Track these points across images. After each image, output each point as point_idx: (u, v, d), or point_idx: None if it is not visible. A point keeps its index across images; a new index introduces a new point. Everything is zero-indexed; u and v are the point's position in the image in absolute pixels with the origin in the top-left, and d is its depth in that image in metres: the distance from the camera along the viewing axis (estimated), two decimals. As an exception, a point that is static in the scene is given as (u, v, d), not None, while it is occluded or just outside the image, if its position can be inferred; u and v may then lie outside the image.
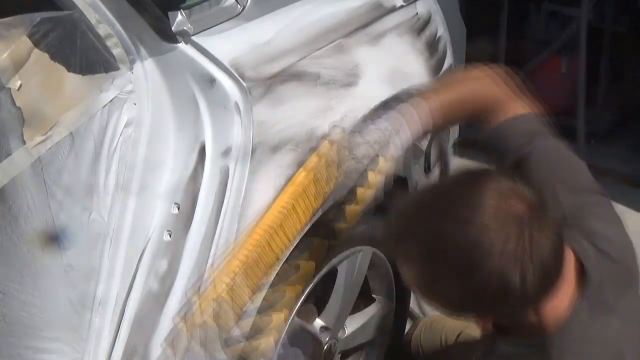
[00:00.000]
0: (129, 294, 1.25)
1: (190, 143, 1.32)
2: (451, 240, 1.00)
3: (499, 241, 0.98)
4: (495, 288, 0.99)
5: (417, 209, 1.08)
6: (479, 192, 1.01)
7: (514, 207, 1.00)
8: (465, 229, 0.99)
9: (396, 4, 1.79)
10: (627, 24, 3.24)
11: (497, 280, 0.98)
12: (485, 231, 0.98)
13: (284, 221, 1.35)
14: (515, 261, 0.98)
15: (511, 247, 0.97)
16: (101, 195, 1.20)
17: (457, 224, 1.00)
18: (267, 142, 1.38)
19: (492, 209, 0.99)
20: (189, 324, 1.26)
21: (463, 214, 1.00)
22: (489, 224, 0.98)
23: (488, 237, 0.98)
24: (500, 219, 0.99)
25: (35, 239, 1.11)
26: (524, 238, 0.98)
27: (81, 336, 1.19)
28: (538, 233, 0.99)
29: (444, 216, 1.02)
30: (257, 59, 1.41)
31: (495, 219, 0.99)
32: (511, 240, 0.98)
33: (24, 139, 1.08)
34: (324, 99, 1.52)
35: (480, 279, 0.98)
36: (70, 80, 1.16)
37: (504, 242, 0.98)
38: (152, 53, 1.29)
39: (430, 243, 1.03)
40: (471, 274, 0.99)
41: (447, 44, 1.98)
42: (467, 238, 0.99)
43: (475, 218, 0.99)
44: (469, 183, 1.05)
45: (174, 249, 1.29)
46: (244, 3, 1.47)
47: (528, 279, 0.98)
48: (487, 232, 0.98)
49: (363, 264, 1.73)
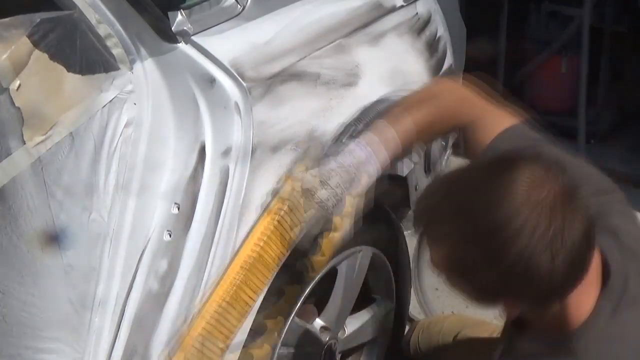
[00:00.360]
0: (129, 294, 1.25)
1: (190, 143, 1.32)
2: (482, 220, 1.00)
3: (530, 224, 0.97)
4: (524, 271, 0.98)
5: (449, 190, 1.08)
6: (512, 175, 1.01)
7: (547, 193, 0.99)
8: (497, 210, 0.99)
9: (396, 4, 1.79)
10: (627, 24, 3.24)
11: (526, 263, 0.98)
12: (516, 213, 0.98)
13: (248, 272, 1.33)
14: (545, 245, 0.97)
15: (542, 230, 0.97)
16: (101, 195, 1.20)
17: (489, 205, 1.00)
18: (267, 142, 1.38)
19: (525, 192, 0.99)
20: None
21: (495, 195, 1.00)
22: (521, 206, 0.98)
23: (519, 219, 0.98)
24: (532, 203, 0.98)
25: (35, 239, 1.10)
26: (556, 223, 0.98)
27: (81, 336, 1.19)
28: (570, 220, 0.99)
29: (476, 197, 1.02)
30: (257, 59, 1.41)
31: (528, 202, 0.98)
32: (542, 224, 0.97)
33: (23, 139, 1.08)
34: (324, 99, 1.52)
35: (509, 260, 0.98)
36: (70, 80, 1.16)
37: (534, 226, 0.97)
38: (152, 53, 1.29)
39: (461, 223, 1.03)
40: (500, 255, 0.99)
41: (447, 44, 1.98)
42: (498, 219, 0.99)
43: (507, 200, 0.99)
44: (502, 166, 1.05)
45: (174, 249, 1.29)
46: (244, 3, 1.47)
47: (557, 264, 0.98)
48: (518, 214, 0.98)
49: (363, 264, 1.73)
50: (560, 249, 0.98)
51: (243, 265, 1.32)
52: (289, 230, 1.37)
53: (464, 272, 1.06)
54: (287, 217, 1.36)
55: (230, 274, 1.32)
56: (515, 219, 0.98)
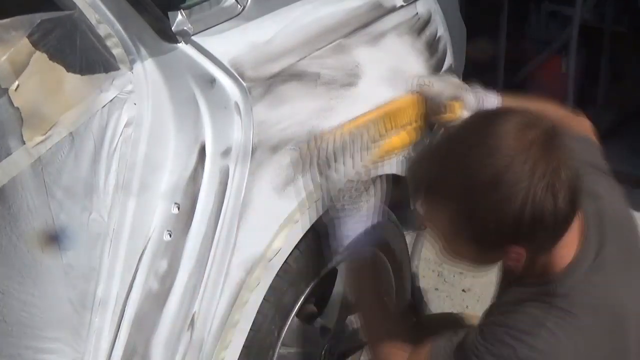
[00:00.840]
0: (129, 294, 1.25)
1: (190, 143, 1.32)
2: (482, 174, 1.02)
3: (528, 166, 1.00)
4: (532, 212, 1.01)
5: (445, 151, 1.11)
6: (500, 124, 1.04)
7: (538, 134, 1.02)
8: (494, 160, 1.02)
9: (396, 4, 1.79)
10: (627, 24, 3.23)
11: (532, 204, 1.00)
12: (513, 159, 1.01)
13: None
14: (546, 184, 1.00)
15: (541, 170, 1.00)
16: (101, 195, 1.20)
17: (486, 156, 1.02)
18: (267, 142, 1.38)
19: (517, 137, 1.02)
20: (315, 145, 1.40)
21: (490, 145, 1.03)
22: (516, 150, 1.01)
23: (517, 163, 1.00)
24: (525, 145, 1.01)
25: (35, 239, 1.11)
26: (552, 161, 1.01)
27: (81, 336, 1.19)
28: (563, 157, 1.02)
29: (471, 150, 1.05)
30: (257, 59, 1.41)
31: (521, 145, 1.01)
32: (540, 164, 1.00)
33: (23, 139, 1.08)
34: (324, 99, 1.52)
35: (516, 206, 1.00)
36: (70, 80, 1.16)
37: (532, 167, 1.00)
38: (152, 53, 1.29)
39: (463, 178, 1.04)
40: (507, 202, 1.01)
41: (447, 44, 1.98)
42: (497, 168, 1.01)
43: (501, 147, 1.01)
44: (490, 118, 1.09)
45: (174, 249, 1.29)
46: (244, 3, 1.47)
47: (559, 200, 1.01)
48: (514, 159, 1.01)
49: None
50: (560, 185, 1.01)
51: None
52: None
53: (473, 230, 1.07)
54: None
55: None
56: (513, 165, 1.00)
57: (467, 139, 1.07)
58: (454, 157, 1.07)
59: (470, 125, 1.12)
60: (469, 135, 1.08)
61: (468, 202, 1.04)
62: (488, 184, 1.02)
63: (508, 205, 1.01)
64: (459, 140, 1.09)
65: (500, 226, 1.03)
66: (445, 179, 1.07)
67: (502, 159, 1.01)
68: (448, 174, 1.07)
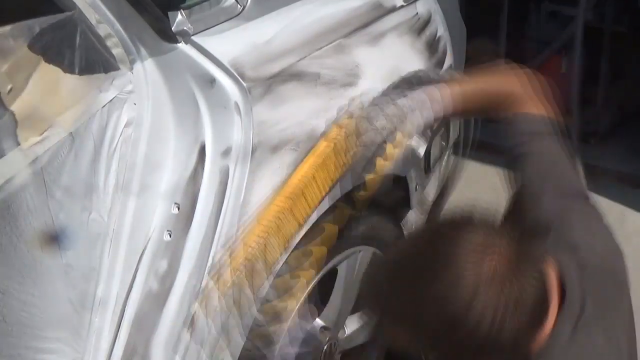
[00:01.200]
0: (129, 294, 1.25)
1: (190, 143, 1.32)
2: (440, 316, 0.98)
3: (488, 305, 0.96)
4: (493, 344, 0.97)
5: (396, 270, 1.07)
6: (452, 249, 0.99)
7: (489, 264, 0.97)
8: (452, 302, 0.97)
9: (396, 4, 1.79)
10: (627, 24, 3.24)
11: (494, 339, 0.97)
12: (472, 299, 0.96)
13: (304, 190, 1.39)
14: (509, 316, 0.96)
15: (503, 304, 0.96)
16: (101, 195, 1.20)
17: (443, 298, 0.97)
18: (267, 142, 1.38)
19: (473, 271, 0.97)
20: (220, 284, 1.28)
21: (445, 284, 0.98)
22: (474, 290, 0.96)
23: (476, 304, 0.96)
24: (483, 281, 0.96)
25: (35, 239, 1.10)
26: (512, 291, 0.97)
27: (81, 336, 1.19)
28: (518, 285, 0.97)
29: (420, 276, 1.00)
30: (257, 59, 1.41)
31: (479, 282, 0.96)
32: (501, 299, 0.96)
33: (18, 140, 1.07)
34: (324, 99, 1.52)
35: (477, 342, 0.97)
36: (69, 80, 1.16)
37: (494, 305, 0.96)
38: (152, 53, 1.29)
39: (418, 321, 1.01)
40: (467, 340, 0.97)
41: (447, 44, 1.98)
42: (455, 310, 0.96)
43: (459, 287, 0.96)
44: (442, 240, 1.03)
45: (174, 249, 1.29)
46: (244, 3, 1.47)
47: (522, 326, 0.98)
48: (473, 299, 0.96)
49: (363, 264, 1.73)
50: (522, 312, 0.97)
51: (301, 180, 1.39)
52: (344, 156, 1.46)
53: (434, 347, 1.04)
54: (343, 141, 1.45)
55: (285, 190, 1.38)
56: (472, 307, 0.96)
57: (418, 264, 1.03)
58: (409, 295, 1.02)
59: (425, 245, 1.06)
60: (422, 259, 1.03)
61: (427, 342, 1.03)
62: (448, 328, 0.98)
63: (468, 342, 0.98)
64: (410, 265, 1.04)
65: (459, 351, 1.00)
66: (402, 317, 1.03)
67: (461, 302, 0.96)
68: (404, 314, 1.03)
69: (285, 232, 1.38)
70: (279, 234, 1.36)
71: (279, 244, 1.37)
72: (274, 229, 1.35)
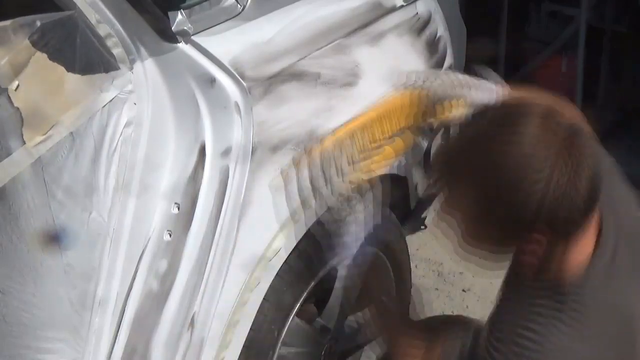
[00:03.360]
0: (129, 293, 1.25)
1: (190, 143, 1.32)
2: (508, 153, 1.05)
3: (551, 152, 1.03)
4: (554, 195, 1.03)
5: (468, 135, 1.13)
6: (524, 114, 1.07)
7: (559, 124, 1.05)
8: (518, 144, 1.04)
9: (396, 4, 1.79)
10: (627, 23, 3.24)
11: (555, 189, 1.02)
12: (536, 145, 1.03)
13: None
14: (569, 173, 1.03)
15: (563, 159, 1.03)
16: (101, 195, 1.20)
17: (509, 142, 1.05)
18: (267, 142, 1.38)
19: (540, 125, 1.05)
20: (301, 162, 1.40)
21: (513, 130, 1.05)
22: (539, 139, 1.03)
23: (540, 148, 1.03)
24: (549, 134, 1.04)
25: (35, 239, 1.11)
26: (574, 153, 1.03)
27: (81, 336, 1.19)
28: (585, 150, 1.05)
29: (496, 135, 1.07)
30: (257, 59, 1.41)
31: (544, 133, 1.04)
32: (563, 153, 1.03)
33: (23, 139, 1.08)
34: (324, 99, 1.52)
35: (540, 186, 1.02)
36: (70, 80, 1.16)
37: (556, 155, 1.03)
38: (152, 53, 1.29)
39: (488, 160, 1.07)
40: (532, 183, 1.03)
41: (447, 44, 1.98)
42: (523, 150, 1.03)
43: (525, 134, 1.04)
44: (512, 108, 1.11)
45: (174, 249, 1.29)
46: (244, 3, 1.47)
47: (581, 188, 1.03)
48: (537, 145, 1.03)
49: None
50: (582, 175, 1.03)
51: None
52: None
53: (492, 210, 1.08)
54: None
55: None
56: (537, 150, 1.03)
57: (492, 125, 1.10)
58: (479, 141, 1.09)
59: (495, 113, 1.14)
60: (494, 121, 1.10)
61: (493, 185, 1.06)
62: (513, 167, 1.04)
63: (532, 187, 1.03)
64: (483, 126, 1.11)
65: (524, 209, 1.04)
66: (470, 161, 1.09)
67: (527, 146, 1.03)
68: (473, 156, 1.09)
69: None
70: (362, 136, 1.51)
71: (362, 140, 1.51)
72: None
